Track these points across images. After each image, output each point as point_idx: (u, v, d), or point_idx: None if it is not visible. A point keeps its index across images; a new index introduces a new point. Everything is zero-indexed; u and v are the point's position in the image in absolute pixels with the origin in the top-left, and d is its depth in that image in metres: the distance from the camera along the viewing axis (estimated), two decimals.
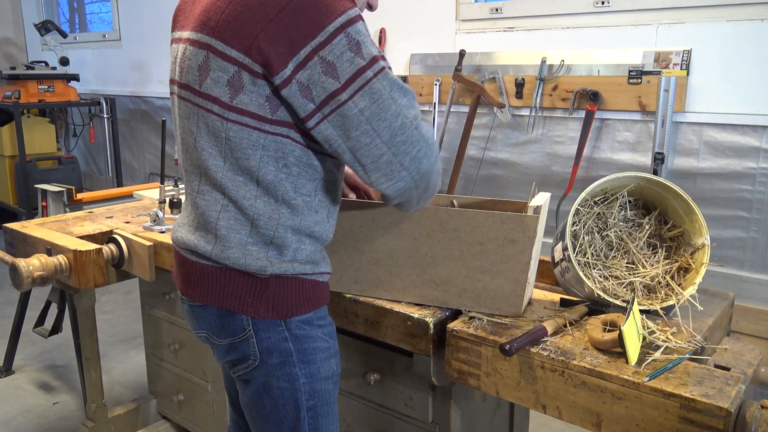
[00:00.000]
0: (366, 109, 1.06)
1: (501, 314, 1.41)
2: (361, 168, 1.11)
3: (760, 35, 2.40)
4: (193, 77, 1.12)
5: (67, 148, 5.71)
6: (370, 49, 1.06)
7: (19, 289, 1.88)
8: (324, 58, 1.03)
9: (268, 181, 1.12)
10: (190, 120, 1.14)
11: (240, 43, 1.05)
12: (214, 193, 1.14)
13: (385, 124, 1.07)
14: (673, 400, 1.11)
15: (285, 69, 1.03)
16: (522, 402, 1.31)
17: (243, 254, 1.14)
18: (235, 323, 1.18)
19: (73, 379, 2.87)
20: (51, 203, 3.22)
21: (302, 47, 1.02)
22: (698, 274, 1.40)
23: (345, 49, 1.03)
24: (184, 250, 1.22)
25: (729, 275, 2.56)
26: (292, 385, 1.20)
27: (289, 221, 1.15)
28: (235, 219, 1.14)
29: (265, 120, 1.09)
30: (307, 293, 1.20)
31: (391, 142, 1.08)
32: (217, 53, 1.07)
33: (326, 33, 1.02)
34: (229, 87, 1.07)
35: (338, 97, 1.04)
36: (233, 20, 1.06)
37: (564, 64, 2.86)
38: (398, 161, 1.10)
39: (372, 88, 1.05)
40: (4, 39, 6.13)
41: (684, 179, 2.63)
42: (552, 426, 2.42)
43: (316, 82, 1.04)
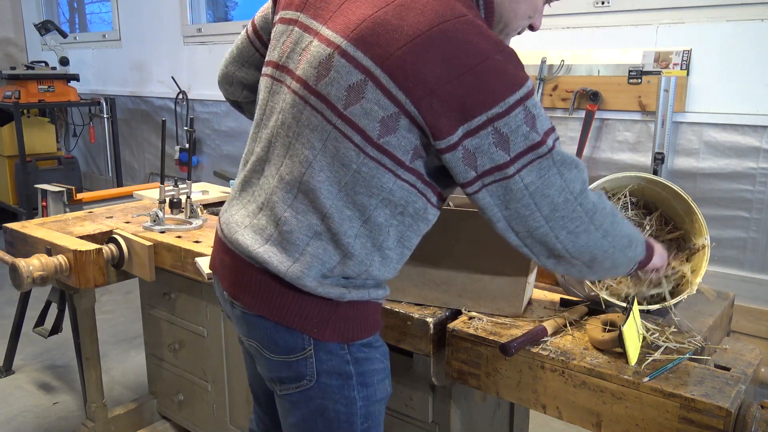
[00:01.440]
0: (531, 184, 1.01)
1: (501, 314, 1.41)
2: (514, 234, 1.07)
3: (760, 35, 2.40)
4: (336, 93, 1.01)
5: (67, 148, 5.71)
6: (545, 123, 1.01)
7: (19, 289, 1.88)
8: (498, 130, 0.97)
9: (378, 223, 1.06)
10: (316, 134, 1.04)
11: (411, 89, 0.97)
12: (311, 216, 1.06)
13: (548, 200, 1.02)
14: (673, 400, 1.11)
15: (453, 135, 0.98)
16: (522, 402, 1.31)
17: (319, 284, 1.07)
18: (293, 341, 1.11)
19: (73, 379, 2.87)
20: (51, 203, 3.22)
21: (477, 115, 0.96)
22: (698, 275, 1.40)
23: (521, 122, 0.98)
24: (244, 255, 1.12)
25: (729, 275, 2.56)
26: (350, 409, 1.14)
27: (375, 271, 1.10)
28: (325, 250, 1.06)
29: (403, 165, 1.03)
30: (371, 316, 1.16)
31: (550, 217, 1.04)
32: (380, 86, 0.98)
33: (506, 105, 0.97)
34: (381, 125, 1.00)
35: (505, 170, 1.00)
36: (411, 63, 0.96)
37: (564, 64, 2.86)
38: (554, 234, 1.05)
39: (542, 164, 1.01)
40: (4, 39, 6.13)
41: (684, 179, 2.63)
42: (552, 426, 2.42)
43: (484, 152, 0.99)
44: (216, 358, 2.07)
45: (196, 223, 2.08)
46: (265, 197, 1.10)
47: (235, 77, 1.36)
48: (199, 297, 2.06)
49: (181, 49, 4.70)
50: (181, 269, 1.89)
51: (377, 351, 1.18)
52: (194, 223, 2.08)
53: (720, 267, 2.59)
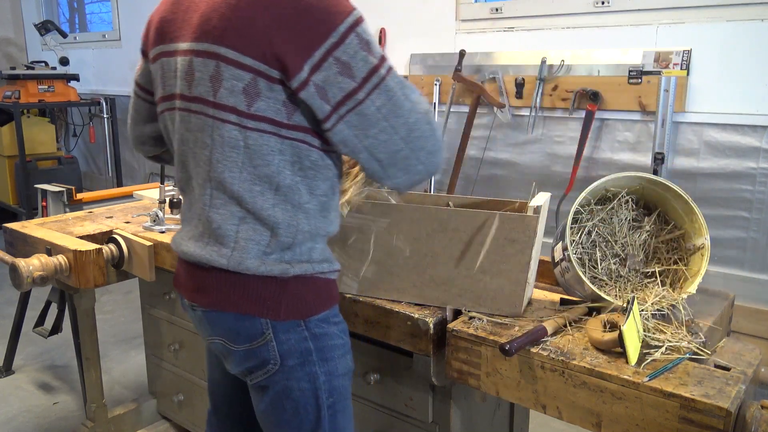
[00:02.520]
0: (383, 106, 1.07)
1: (501, 314, 1.41)
2: (377, 163, 1.12)
3: (760, 35, 2.40)
4: (205, 89, 1.10)
5: (67, 148, 5.71)
6: (378, 48, 1.08)
7: (19, 289, 1.88)
8: (339, 59, 1.04)
9: (286, 185, 1.12)
10: (204, 133, 1.12)
11: (253, 49, 1.04)
12: (230, 206, 1.13)
13: (402, 120, 1.08)
14: (673, 400, 1.11)
15: (301, 72, 1.03)
16: (522, 402, 1.31)
17: (262, 263, 1.13)
18: (253, 328, 1.16)
19: (73, 379, 2.87)
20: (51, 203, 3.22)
21: (316, 49, 1.03)
22: (697, 274, 1.40)
23: (357, 48, 1.04)
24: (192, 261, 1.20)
25: (729, 275, 2.56)
26: (313, 385, 1.19)
27: (306, 226, 1.15)
28: (254, 230, 1.13)
29: (282, 125, 1.09)
30: (324, 291, 1.20)
31: (408, 138, 1.10)
32: (230, 62, 1.06)
33: (338, 33, 1.03)
34: (245, 95, 1.07)
35: (355, 96, 1.06)
36: (243, 27, 1.05)
37: (564, 64, 2.86)
38: (415, 156, 1.12)
39: (387, 86, 1.07)
40: (4, 39, 6.13)
41: (684, 179, 2.63)
42: (552, 426, 2.42)
43: (332, 82, 1.05)
44: None
45: None
46: (198, 207, 1.18)
47: (144, 135, 1.43)
48: None
49: None
50: None
51: (336, 327, 1.23)
52: None
53: (720, 267, 2.59)
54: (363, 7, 1.12)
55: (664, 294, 1.39)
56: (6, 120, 4.90)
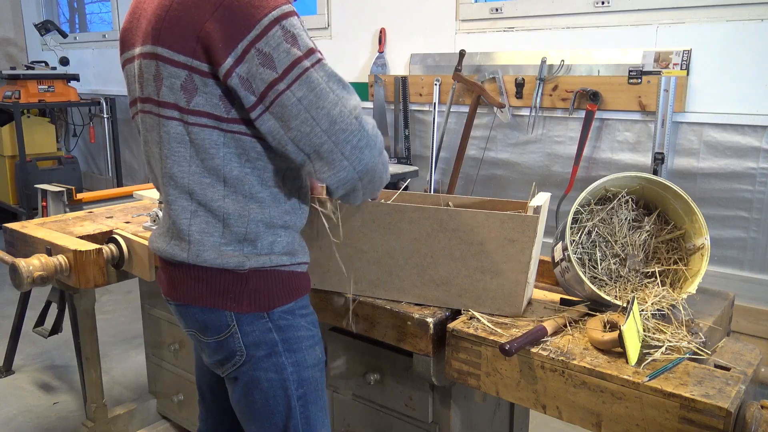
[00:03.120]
0: (304, 97, 1.07)
1: (501, 314, 1.41)
2: (305, 156, 1.12)
3: (760, 35, 2.40)
4: (151, 89, 1.14)
5: (67, 148, 5.71)
6: (307, 42, 1.09)
7: (19, 289, 1.88)
8: (260, 50, 1.06)
9: (234, 177, 1.14)
10: (154, 131, 1.17)
11: (183, 46, 1.08)
12: (182, 200, 1.16)
13: (324, 112, 1.08)
14: (673, 400, 1.11)
15: (225, 63, 1.06)
16: (522, 402, 1.31)
17: (218, 255, 1.16)
18: (218, 320, 1.19)
19: (73, 379, 2.87)
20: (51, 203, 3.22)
21: (239, 41, 1.05)
22: (697, 274, 1.40)
23: (281, 40, 1.06)
24: (162, 257, 1.24)
25: (729, 275, 2.56)
26: (281, 375, 1.22)
27: (259, 215, 1.17)
28: (206, 222, 1.16)
29: (222, 119, 1.11)
30: (287, 284, 1.22)
31: (330, 131, 1.09)
32: (166, 60, 1.10)
33: (261, 26, 1.05)
34: (184, 91, 1.10)
35: (276, 86, 1.07)
36: (174, 26, 1.09)
37: (564, 64, 2.86)
38: (339, 150, 1.11)
39: (309, 77, 1.08)
40: (4, 39, 6.13)
41: (684, 179, 2.63)
42: (552, 426, 2.42)
43: (254, 74, 1.06)
44: None
45: None
46: (165, 206, 1.22)
47: None
48: None
49: None
50: None
51: (303, 319, 1.25)
52: None
53: (720, 267, 2.59)
54: (363, 7, 1.12)
55: (664, 294, 1.39)
56: (6, 120, 4.90)
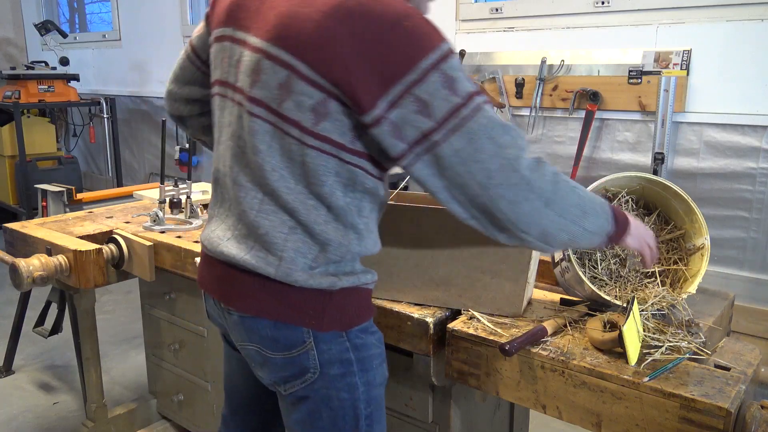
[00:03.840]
0: (461, 150, 0.99)
1: (501, 314, 1.41)
2: (458, 204, 1.05)
3: (760, 35, 2.40)
4: (270, 94, 1.05)
5: (67, 148, 5.71)
6: (466, 86, 1.00)
7: (19, 289, 1.88)
8: (418, 97, 0.98)
9: (339, 206, 1.08)
10: (259, 137, 1.07)
11: (329, 71, 0.99)
12: (280, 215, 1.08)
13: (480, 167, 1.00)
14: (673, 400, 1.11)
15: (375, 109, 0.98)
16: (522, 402, 1.31)
17: (310, 276, 1.09)
18: (293, 336, 1.12)
19: (73, 379, 2.87)
20: (51, 203, 3.22)
21: (394, 84, 0.97)
22: (697, 274, 1.40)
23: (440, 86, 0.98)
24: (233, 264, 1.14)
25: (729, 275, 2.56)
26: (353, 395, 1.16)
27: (356, 247, 1.12)
28: (303, 242, 1.08)
29: (344, 148, 1.05)
30: (365, 302, 1.18)
31: (486, 185, 1.01)
32: (302, 77, 1.01)
33: (419, 69, 0.97)
34: (313, 113, 1.02)
35: (431, 137, 0.99)
36: (325, 46, 0.99)
37: (564, 64, 2.86)
38: (495, 206, 1.02)
39: (469, 128, 0.99)
40: (4, 39, 6.13)
41: (684, 179, 2.63)
42: (552, 426, 2.42)
43: (408, 121, 0.99)
44: (216, 358, 2.07)
45: (196, 223, 2.08)
46: (239, 208, 1.13)
47: (178, 95, 1.42)
48: (199, 297, 2.06)
49: (181, 49, 4.68)
50: (181, 269, 1.89)
51: (373, 336, 1.20)
52: (194, 223, 2.08)
53: (720, 267, 2.59)
54: None
55: (664, 294, 1.39)
56: (6, 120, 4.90)
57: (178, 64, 1.40)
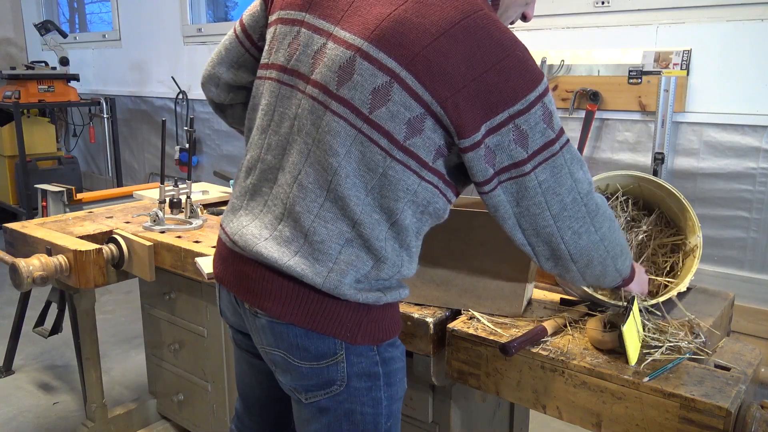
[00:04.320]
0: (545, 182, 1.02)
1: (501, 314, 1.41)
2: (521, 232, 1.07)
3: (760, 35, 2.40)
4: (360, 97, 0.99)
5: (67, 148, 5.71)
6: (558, 121, 1.02)
7: (19, 289, 1.88)
8: (519, 127, 0.98)
9: (404, 225, 1.05)
10: (339, 139, 1.00)
11: (436, 89, 0.96)
12: (340, 224, 1.03)
13: (558, 199, 1.03)
14: (673, 400, 1.11)
15: (477, 133, 0.97)
16: (522, 402, 1.31)
17: (357, 291, 1.06)
18: (324, 346, 1.08)
19: (73, 379, 2.87)
20: (51, 203, 3.22)
21: (500, 112, 0.97)
22: (689, 273, 1.40)
23: (540, 119, 0.99)
24: (271, 266, 1.07)
25: (729, 275, 2.56)
26: (376, 410, 1.13)
27: (406, 269, 1.10)
28: (357, 256, 1.04)
29: (426, 166, 1.02)
30: (396, 316, 1.17)
31: (558, 216, 1.04)
32: (406, 88, 0.97)
33: (527, 101, 0.97)
34: (408, 126, 0.98)
35: (522, 167, 1.00)
36: (436, 63, 0.95)
37: (564, 64, 2.86)
38: (560, 234, 1.06)
39: (555, 162, 1.02)
40: (4, 39, 6.13)
41: (684, 179, 2.63)
42: (552, 426, 2.42)
43: (504, 149, 0.99)
44: (216, 358, 2.07)
45: (196, 223, 2.08)
46: (285, 207, 1.06)
47: (221, 79, 1.32)
48: (199, 297, 2.06)
49: (181, 49, 4.70)
50: (181, 269, 1.89)
51: (398, 350, 1.18)
52: (194, 223, 2.08)
53: (720, 267, 2.59)
54: None
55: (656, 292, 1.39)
56: (6, 120, 4.90)
57: (223, 44, 1.30)
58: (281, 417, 1.36)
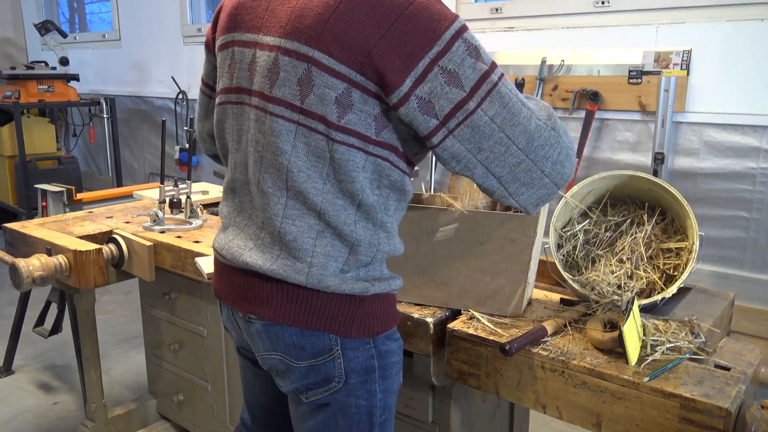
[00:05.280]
0: (497, 115, 0.98)
1: (501, 314, 1.41)
2: (496, 180, 1.03)
3: (760, 35, 2.40)
4: (291, 91, 1.01)
5: (67, 148, 5.71)
6: (488, 54, 1.00)
7: (19, 289, 1.88)
8: (444, 68, 0.96)
9: (369, 203, 1.05)
10: (282, 138, 1.03)
11: (350, 58, 0.96)
12: (307, 218, 1.05)
13: (520, 129, 0.99)
14: (673, 400, 1.11)
15: (402, 86, 0.96)
16: (522, 402, 1.31)
17: (342, 281, 1.06)
18: (319, 343, 1.09)
19: (73, 379, 2.87)
20: (51, 203, 3.22)
21: (420, 59, 0.95)
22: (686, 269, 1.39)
23: (465, 55, 0.96)
24: (257, 272, 1.09)
25: (729, 275, 2.56)
26: (370, 402, 1.14)
27: (386, 246, 1.09)
28: (332, 246, 1.05)
29: (370, 141, 1.02)
30: (392, 308, 1.16)
31: (528, 148, 1.00)
32: (323, 68, 0.98)
33: (443, 41, 0.95)
34: (337, 105, 0.99)
35: (465, 106, 0.97)
36: (341, 32, 0.96)
37: (564, 64, 2.86)
38: (539, 168, 1.02)
39: (500, 92, 0.98)
40: (4, 39, 6.13)
41: (684, 179, 2.63)
42: (552, 426, 2.42)
43: (438, 94, 0.97)
44: (216, 358, 2.07)
45: (196, 223, 2.08)
46: (263, 216, 1.09)
47: (206, 131, 1.38)
48: (199, 297, 2.06)
49: (181, 49, 4.70)
50: (181, 269, 1.89)
51: (396, 343, 1.18)
52: (194, 223, 2.08)
53: (720, 267, 2.59)
54: None
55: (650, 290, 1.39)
56: (6, 120, 4.90)
57: (198, 104, 1.38)
58: (288, 426, 1.36)
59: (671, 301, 1.46)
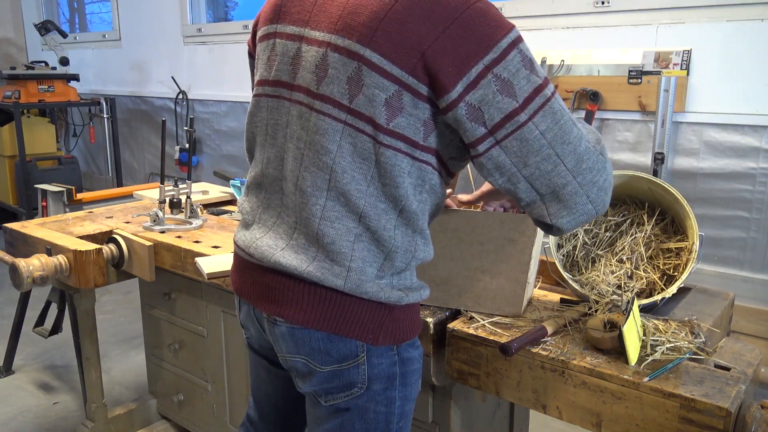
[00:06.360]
0: (548, 131, 0.95)
1: (501, 314, 1.41)
2: (539, 198, 0.99)
3: (760, 35, 2.40)
4: (338, 90, 0.98)
5: (67, 148, 5.71)
6: (542, 70, 0.98)
7: (19, 289, 1.88)
8: (499, 76, 0.93)
9: (411, 210, 1.02)
10: (328, 136, 0.99)
11: (403, 59, 0.94)
12: (346, 221, 1.01)
13: (570, 149, 0.96)
14: (673, 400, 1.11)
15: (452, 92, 0.93)
16: (522, 402, 1.31)
17: (380, 288, 1.04)
18: (346, 349, 1.07)
19: (73, 379, 2.87)
20: (51, 203, 3.22)
21: (473, 65, 0.92)
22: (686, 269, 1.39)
23: (520, 66, 0.94)
24: (290, 273, 1.06)
25: (729, 275, 2.56)
26: (389, 409, 1.12)
27: (422, 253, 1.07)
28: (368, 250, 1.03)
29: (417, 146, 0.99)
30: (417, 316, 1.15)
31: (576, 170, 0.96)
32: (374, 68, 0.95)
33: (499, 49, 0.93)
34: (387, 107, 0.96)
35: (517, 118, 0.94)
36: (395, 31, 0.93)
37: (564, 64, 2.86)
38: (584, 192, 0.98)
39: (552, 108, 0.95)
40: (4, 39, 6.13)
41: (684, 179, 2.63)
42: (552, 426, 2.42)
43: (489, 102, 0.93)
44: (216, 358, 2.07)
45: (196, 223, 2.08)
46: (296, 216, 1.06)
47: None
48: (199, 297, 2.06)
49: (181, 49, 4.70)
50: (181, 269, 1.89)
51: (417, 351, 1.17)
52: (194, 223, 2.08)
53: (720, 267, 2.59)
54: None
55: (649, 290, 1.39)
56: (6, 120, 4.90)
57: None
58: (297, 425, 1.36)
59: (671, 301, 1.46)
